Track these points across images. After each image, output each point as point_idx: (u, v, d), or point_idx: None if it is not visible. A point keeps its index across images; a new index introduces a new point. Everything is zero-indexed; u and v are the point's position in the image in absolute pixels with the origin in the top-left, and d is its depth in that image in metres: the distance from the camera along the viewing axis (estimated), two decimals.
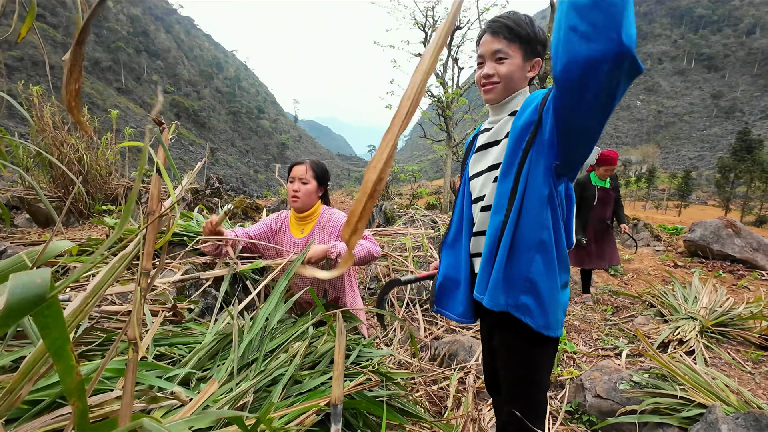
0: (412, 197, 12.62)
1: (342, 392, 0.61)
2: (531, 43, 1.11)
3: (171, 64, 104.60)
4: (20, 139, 2.02)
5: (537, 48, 1.13)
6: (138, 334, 0.52)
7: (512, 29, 1.09)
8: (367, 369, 1.08)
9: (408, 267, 3.15)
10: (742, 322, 3.32)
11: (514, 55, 1.11)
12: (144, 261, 0.55)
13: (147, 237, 0.56)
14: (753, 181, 33.24)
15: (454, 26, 5.35)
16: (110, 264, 0.54)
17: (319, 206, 1.95)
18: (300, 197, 1.86)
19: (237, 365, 0.91)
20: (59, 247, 0.49)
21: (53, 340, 0.39)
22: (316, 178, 1.88)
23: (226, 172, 69.55)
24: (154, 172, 0.61)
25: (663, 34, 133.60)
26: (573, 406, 2.18)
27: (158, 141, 0.60)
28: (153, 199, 0.60)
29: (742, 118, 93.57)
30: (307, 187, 1.86)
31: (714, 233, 6.10)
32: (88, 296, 0.50)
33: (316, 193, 1.90)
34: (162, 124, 0.63)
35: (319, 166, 1.92)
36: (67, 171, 0.95)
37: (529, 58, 1.14)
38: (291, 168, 1.92)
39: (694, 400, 1.81)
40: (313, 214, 1.93)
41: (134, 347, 0.51)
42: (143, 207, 6.15)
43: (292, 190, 1.87)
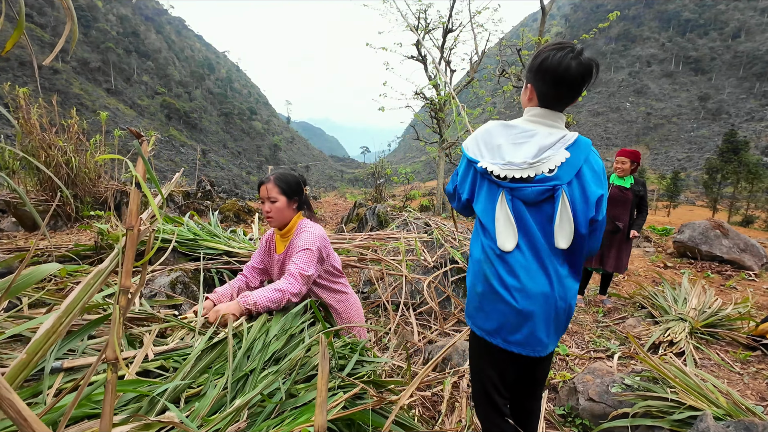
0: (405, 199, 12.62)
1: (326, 420, 0.59)
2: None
3: (162, 64, 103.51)
4: (7, 140, 1.98)
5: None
6: (119, 353, 0.50)
7: None
8: (362, 380, 1.07)
9: (402, 271, 3.14)
10: (731, 322, 3.38)
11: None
12: (123, 278, 0.53)
13: (126, 253, 0.55)
14: (739, 182, 33.84)
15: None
16: (84, 281, 0.52)
17: (297, 219, 1.88)
18: (273, 216, 1.81)
19: (231, 380, 0.89)
20: (46, 270, 0.48)
21: None
22: (283, 193, 1.80)
23: (218, 174, 68.94)
24: (133, 186, 0.59)
25: (651, 37, 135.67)
26: (566, 410, 2.19)
27: (138, 153, 0.58)
28: (132, 214, 0.58)
29: (729, 119, 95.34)
30: (277, 205, 1.79)
31: (702, 234, 6.19)
32: (61, 316, 0.48)
33: (288, 208, 1.82)
34: (141, 137, 0.61)
35: (283, 179, 1.83)
36: (53, 176, 0.92)
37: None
38: (258, 188, 1.85)
39: (685, 402, 1.83)
40: (291, 229, 1.86)
41: (113, 368, 0.50)
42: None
43: (265, 211, 1.81)
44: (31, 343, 0.51)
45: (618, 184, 3.92)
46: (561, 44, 1.20)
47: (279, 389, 0.91)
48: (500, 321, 1.27)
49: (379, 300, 3.16)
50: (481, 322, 1.33)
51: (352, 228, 5.85)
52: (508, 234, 1.23)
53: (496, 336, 1.29)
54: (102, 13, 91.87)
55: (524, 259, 1.23)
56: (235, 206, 7.72)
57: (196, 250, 2.32)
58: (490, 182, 1.27)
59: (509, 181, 1.23)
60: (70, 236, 4.31)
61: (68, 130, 5.40)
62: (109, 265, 0.55)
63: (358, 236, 3.66)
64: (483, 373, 1.39)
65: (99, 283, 0.54)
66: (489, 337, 1.31)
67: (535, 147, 1.22)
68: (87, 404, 0.72)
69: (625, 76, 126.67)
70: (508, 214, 1.23)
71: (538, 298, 1.22)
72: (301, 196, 1.90)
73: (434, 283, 3.23)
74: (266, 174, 2.03)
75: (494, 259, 1.26)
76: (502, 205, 1.24)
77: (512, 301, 1.22)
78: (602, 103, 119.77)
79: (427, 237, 3.69)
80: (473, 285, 1.35)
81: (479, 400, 1.42)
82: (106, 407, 0.49)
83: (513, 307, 1.23)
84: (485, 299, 1.29)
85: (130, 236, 0.55)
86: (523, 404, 1.50)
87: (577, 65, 1.16)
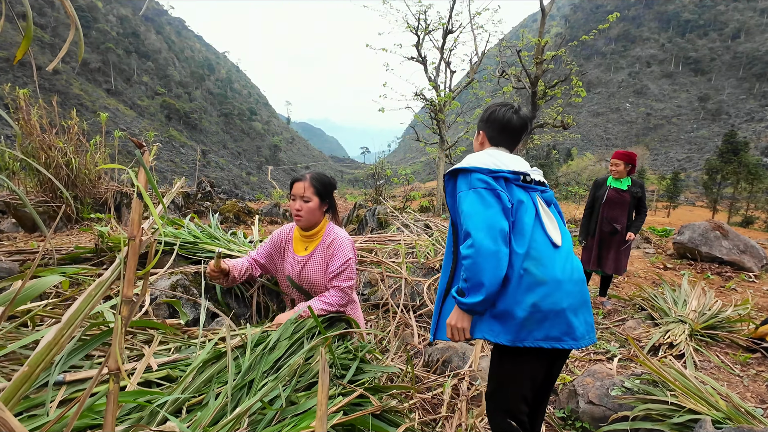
0: (405, 200, 12.62)
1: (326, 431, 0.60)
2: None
3: (162, 65, 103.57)
4: (7, 141, 1.99)
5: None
6: (120, 364, 0.50)
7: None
8: (362, 386, 1.07)
9: (402, 273, 3.14)
10: (731, 324, 3.38)
11: None
12: (125, 288, 0.54)
13: (128, 263, 0.55)
14: (739, 183, 33.85)
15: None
16: (86, 292, 0.52)
17: (325, 223, 1.86)
18: (303, 216, 1.76)
19: (231, 390, 0.89)
20: (49, 282, 0.48)
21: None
22: (317, 194, 1.77)
23: (218, 175, 68.91)
24: (135, 197, 0.59)
25: (651, 37, 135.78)
26: (566, 413, 2.19)
27: (140, 162, 0.59)
28: (134, 224, 0.58)
29: (729, 120, 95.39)
30: (309, 205, 1.75)
31: (702, 235, 6.19)
32: (63, 328, 0.48)
33: (319, 209, 1.79)
34: (143, 146, 0.62)
35: (320, 180, 1.80)
36: (53, 178, 0.92)
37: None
38: (291, 184, 1.81)
39: (685, 406, 1.83)
40: (318, 232, 1.83)
41: (115, 378, 0.50)
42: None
43: (295, 209, 1.76)
44: (33, 356, 0.51)
45: (615, 186, 3.92)
46: (504, 103, 1.52)
47: (279, 396, 0.91)
48: (565, 322, 1.28)
49: (379, 302, 3.16)
50: (543, 333, 1.28)
51: (352, 229, 5.85)
52: (555, 229, 1.37)
53: (530, 337, 1.27)
54: (102, 14, 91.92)
55: (563, 254, 1.35)
56: (235, 207, 7.72)
57: (197, 253, 2.33)
58: (519, 188, 1.39)
59: (535, 184, 1.43)
60: (71, 237, 4.31)
61: (68, 131, 5.40)
62: (111, 275, 0.55)
63: (358, 238, 3.66)
64: (516, 381, 1.36)
65: (101, 294, 0.54)
66: (556, 344, 1.27)
67: (524, 164, 1.46)
68: (88, 415, 0.72)
69: (625, 76, 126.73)
70: (546, 210, 1.40)
71: (566, 286, 1.31)
72: (332, 200, 1.87)
73: (434, 285, 3.23)
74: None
75: (545, 257, 1.31)
76: (540, 203, 1.40)
77: (566, 294, 1.30)
78: (602, 104, 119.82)
79: (427, 239, 3.69)
80: (525, 302, 1.28)
81: (506, 409, 1.38)
82: (108, 417, 0.49)
83: (551, 300, 1.28)
84: (545, 305, 1.27)
85: (132, 246, 0.55)
86: (537, 406, 1.50)
87: (517, 118, 1.48)
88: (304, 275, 1.84)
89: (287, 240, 1.93)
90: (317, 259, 1.80)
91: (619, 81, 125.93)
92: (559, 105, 11.74)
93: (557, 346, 1.27)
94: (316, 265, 1.81)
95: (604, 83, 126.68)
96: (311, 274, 1.82)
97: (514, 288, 1.26)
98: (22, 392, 0.46)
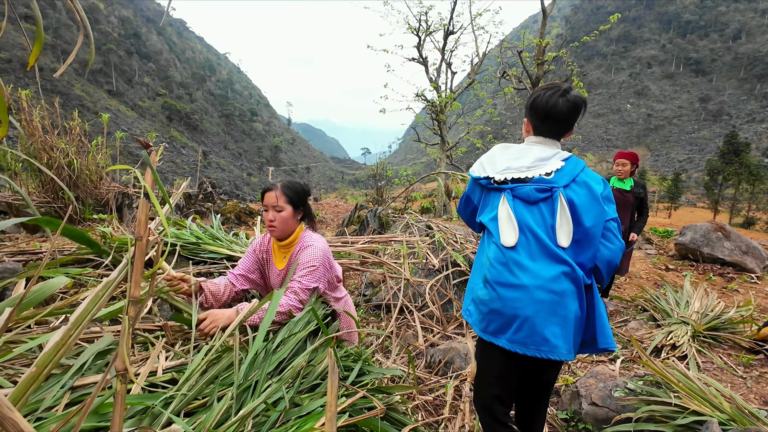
0: (406, 200, 12.62)
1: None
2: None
3: (163, 66, 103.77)
4: (9, 142, 1.95)
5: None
6: (128, 364, 0.50)
7: None
8: (365, 388, 1.06)
9: (403, 274, 3.14)
10: (733, 326, 3.37)
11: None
12: (132, 289, 0.53)
13: (135, 263, 0.55)
14: (740, 184, 33.75)
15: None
16: (93, 293, 0.52)
17: (300, 230, 1.80)
18: (276, 226, 1.72)
19: (236, 390, 0.89)
20: (55, 285, 0.48)
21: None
22: (290, 203, 1.72)
23: (219, 175, 68.96)
24: (142, 198, 0.59)
25: (652, 38, 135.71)
26: (569, 414, 2.18)
27: (146, 163, 0.58)
28: (141, 224, 0.57)
29: (730, 121, 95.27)
30: (282, 214, 1.71)
31: (704, 237, 6.18)
32: (70, 329, 0.48)
33: (293, 218, 1.74)
34: (149, 147, 0.61)
35: (291, 188, 1.76)
36: (55, 178, 0.92)
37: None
38: (262, 195, 1.76)
39: (689, 407, 1.82)
40: (293, 241, 1.78)
41: (122, 379, 0.50)
42: (134, 212, 6.07)
43: (268, 219, 1.71)
44: (41, 357, 0.51)
45: (618, 186, 3.90)
46: (551, 85, 1.41)
47: (283, 398, 0.91)
48: (502, 320, 1.28)
49: (381, 303, 3.15)
50: (484, 325, 1.33)
51: (354, 230, 5.85)
52: (510, 230, 1.31)
53: (500, 336, 1.29)
54: (104, 15, 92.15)
55: (524, 255, 1.28)
56: (237, 208, 7.74)
57: (199, 254, 2.33)
58: (493, 191, 1.40)
59: (510, 183, 1.36)
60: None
61: (70, 132, 5.42)
62: (117, 276, 0.55)
63: (360, 239, 3.66)
64: (487, 378, 1.39)
65: (107, 295, 0.54)
66: (494, 339, 1.30)
67: (533, 158, 1.38)
68: (92, 418, 0.72)
69: (626, 77, 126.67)
70: (509, 210, 1.34)
71: (536, 293, 1.24)
72: (306, 207, 1.83)
73: (436, 286, 3.23)
74: (274, 178, 1.99)
75: (496, 258, 1.32)
76: (503, 204, 1.35)
77: (511, 297, 1.26)
78: (603, 105, 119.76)
79: (429, 240, 3.69)
80: (473, 290, 1.40)
81: (480, 405, 1.43)
82: (115, 418, 0.49)
83: (512, 305, 1.26)
84: (490, 301, 1.31)
85: (138, 246, 0.55)
86: (529, 410, 1.50)
87: (563, 102, 1.36)
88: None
89: (267, 252, 1.87)
90: (295, 270, 1.72)
91: (619, 82, 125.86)
92: None
93: (518, 351, 1.25)
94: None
95: (604, 84, 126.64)
96: None
97: (473, 281, 1.43)
98: (31, 392, 0.46)
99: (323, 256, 1.72)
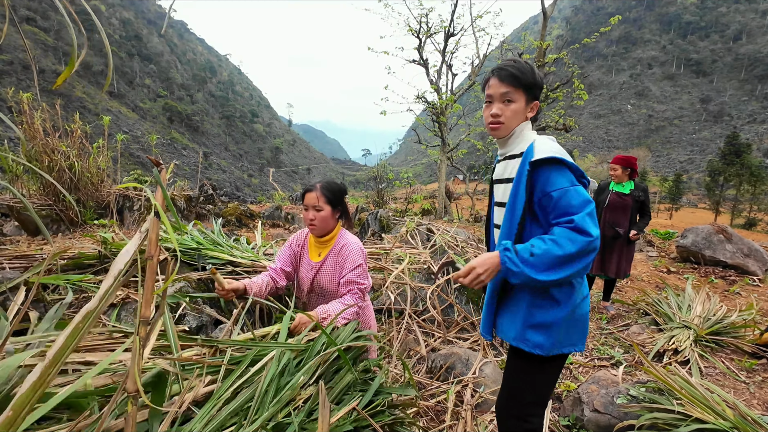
0: (407, 202, 12.61)
1: None
2: (532, 89, 1.31)
3: (164, 68, 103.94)
4: (10, 144, 1.97)
5: (537, 93, 1.34)
6: (140, 385, 0.49)
7: (518, 77, 1.28)
8: (376, 408, 1.06)
9: (405, 279, 3.13)
10: (736, 330, 3.35)
11: (518, 99, 1.31)
12: (143, 308, 0.53)
13: (146, 283, 0.54)
14: (742, 184, 33.68)
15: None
16: (72, 324, 0.50)
17: (338, 229, 1.92)
18: (317, 225, 1.83)
19: (258, 418, 0.87)
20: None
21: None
22: (329, 203, 1.83)
23: (220, 177, 68.99)
24: (152, 216, 0.59)
25: (652, 39, 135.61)
26: (570, 420, 2.17)
27: (157, 181, 0.58)
28: (151, 243, 0.57)
29: (731, 122, 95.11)
30: (322, 213, 1.81)
31: (705, 239, 6.16)
32: (48, 366, 0.46)
33: (332, 217, 1.85)
34: (160, 165, 0.61)
35: (330, 188, 1.86)
36: (55, 183, 0.92)
37: (530, 102, 1.33)
38: (303, 195, 1.87)
39: (692, 415, 1.81)
40: (332, 238, 1.90)
41: (134, 401, 0.49)
42: (135, 214, 6.07)
43: (308, 218, 1.82)
44: (17, 399, 0.49)
45: (617, 190, 3.92)
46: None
47: (292, 423, 0.90)
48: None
49: (382, 307, 3.15)
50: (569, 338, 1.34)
51: (354, 233, 5.85)
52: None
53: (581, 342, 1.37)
54: (105, 17, 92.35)
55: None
56: (237, 210, 7.73)
57: (200, 260, 2.32)
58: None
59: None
60: (73, 241, 4.31)
61: (71, 134, 5.43)
62: (98, 304, 0.53)
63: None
64: (550, 390, 1.43)
65: (88, 326, 0.52)
66: (573, 348, 1.34)
67: None
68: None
69: (627, 78, 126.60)
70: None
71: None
72: (343, 206, 1.92)
73: (437, 290, 3.22)
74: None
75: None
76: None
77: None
78: (603, 106, 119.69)
79: (430, 246, 3.68)
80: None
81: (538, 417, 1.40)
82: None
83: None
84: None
85: (150, 266, 0.55)
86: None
87: None
88: (317, 281, 1.89)
89: (303, 245, 1.99)
90: (329, 265, 1.86)
91: (620, 83, 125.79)
92: (560, 107, 11.72)
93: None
94: (329, 270, 1.87)
95: (605, 85, 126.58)
96: (323, 280, 1.88)
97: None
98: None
99: (364, 253, 1.89)
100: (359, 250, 1.85)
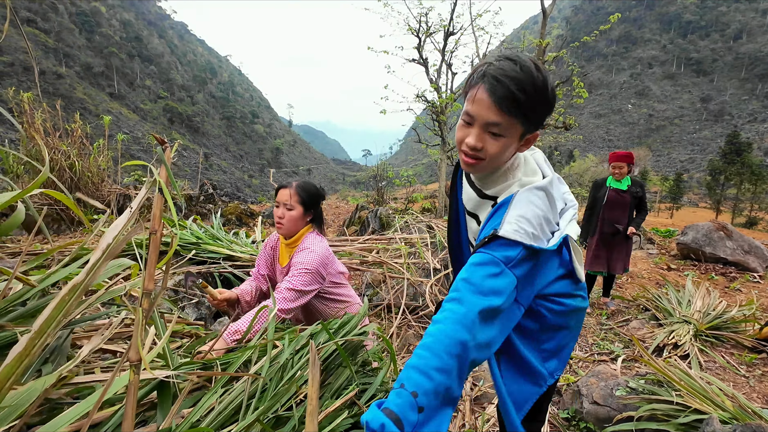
0: (407, 201, 12.61)
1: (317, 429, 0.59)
2: (535, 114, 0.89)
3: (164, 69, 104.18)
4: (11, 144, 1.98)
5: (541, 119, 0.91)
6: (142, 354, 0.50)
7: (518, 102, 0.85)
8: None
9: (404, 274, 3.14)
10: (736, 325, 3.35)
11: (511, 133, 0.90)
12: (146, 281, 0.54)
13: (149, 257, 0.55)
14: (743, 183, 33.69)
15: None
16: (58, 296, 0.50)
17: (305, 231, 1.81)
18: (284, 224, 1.75)
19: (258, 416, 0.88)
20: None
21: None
22: (301, 203, 1.75)
23: (220, 177, 69.12)
24: (156, 192, 0.59)
25: (653, 39, 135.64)
26: (570, 413, 2.18)
27: (160, 159, 0.59)
28: (155, 219, 0.58)
29: (731, 121, 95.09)
30: (292, 213, 1.73)
31: (706, 236, 6.16)
32: (34, 337, 0.46)
33: (302, 219, 1.77)
34: (164, 143, 0.62)
35: (305, 189, 1.77)
36: (57, 181, 0.92)
37: (528, 134, 0.93)
38: (277, 191, 1.79)
39: (691, 406, 1.81)
40: (297, 240, 1.79)
41: (136, 369, 0.50)
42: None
43: (277, 216, 1.75)
44: (2, 369, 0.49)
45: (615, 186, 3.93)
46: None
47: (293, 417, 0.91)
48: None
49: (381, 303, 3.15)
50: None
51: (354, 231, 5.85)
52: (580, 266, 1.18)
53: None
54: (105, 18, 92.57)
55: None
56: (238, 209, 7.74)
57: (199, 254, 2.33)
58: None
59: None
60: (74, 240, 4.33)
61: (72, 134, 5.44)
62: (85, 278, 0.54)
63: (360, 239, 3.66)
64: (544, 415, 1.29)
65: (75, 299, 0.53)
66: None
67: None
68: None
69: (627, 78, 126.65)
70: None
71: None
72: (317, 209, 1.85)
73: (437, 285, 3.22)
74: (275, 180, 2.00)
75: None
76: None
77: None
78: (604, 105, 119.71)
79: (429, 239, 3.69)
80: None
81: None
82: (128, 410, 0.49)
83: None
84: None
85: (153, 240, 0.55)
86: None
87: None
88: None
89: (274, 249, 1.92)
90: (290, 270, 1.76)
91: (620, 82, 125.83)
92: (560, 106, 11.72)
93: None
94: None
95: (605, 84, 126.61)
96: None
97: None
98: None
99: (319, 261, 1.71)
100: (317, 257, 1.70)
